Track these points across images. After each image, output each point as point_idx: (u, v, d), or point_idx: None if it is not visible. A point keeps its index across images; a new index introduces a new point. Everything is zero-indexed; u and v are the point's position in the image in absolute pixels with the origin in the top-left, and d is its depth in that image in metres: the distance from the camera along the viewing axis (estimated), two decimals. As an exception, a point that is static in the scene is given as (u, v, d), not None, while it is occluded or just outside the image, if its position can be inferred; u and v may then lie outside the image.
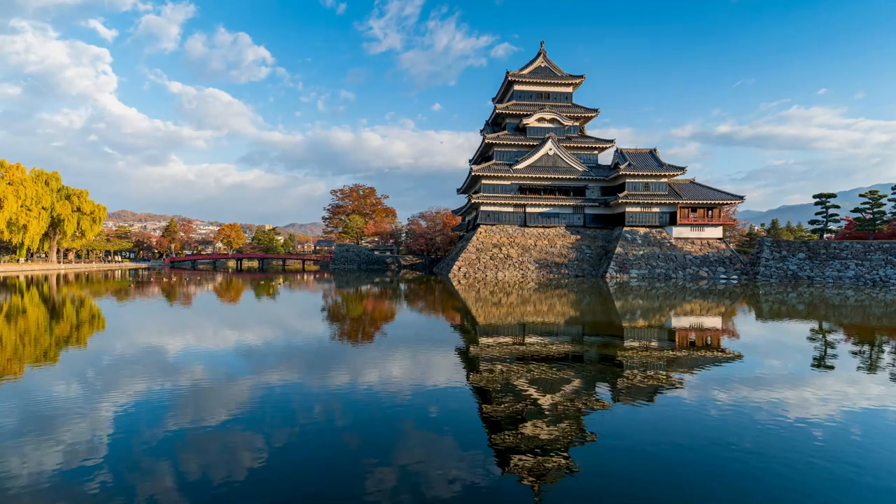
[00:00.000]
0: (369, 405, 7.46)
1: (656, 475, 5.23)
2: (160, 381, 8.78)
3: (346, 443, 5.98)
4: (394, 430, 6.42)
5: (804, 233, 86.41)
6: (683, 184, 58.70)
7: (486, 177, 59.85)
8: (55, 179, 71.85)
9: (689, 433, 6.45)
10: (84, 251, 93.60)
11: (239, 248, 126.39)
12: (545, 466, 5.37)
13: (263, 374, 9.34)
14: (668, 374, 9.74)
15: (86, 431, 6.24)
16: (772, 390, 8.55)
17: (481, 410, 7.34)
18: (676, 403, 7.74)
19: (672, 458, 5.65)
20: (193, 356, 11.13)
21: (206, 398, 7.80)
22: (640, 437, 6.27)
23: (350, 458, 5.54)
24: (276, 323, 17.87)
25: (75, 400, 7.61)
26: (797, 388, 8.75)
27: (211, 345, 12.76)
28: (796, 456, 5.75)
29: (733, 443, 6.08)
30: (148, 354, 11.23)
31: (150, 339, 13.45)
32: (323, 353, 11.97)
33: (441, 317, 21.16)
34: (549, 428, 6.54)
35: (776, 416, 7.10)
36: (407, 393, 8.19)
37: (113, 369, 9.70)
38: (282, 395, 8.00)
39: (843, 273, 50.36)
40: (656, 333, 15.81)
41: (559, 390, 8.41)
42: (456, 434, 6.33)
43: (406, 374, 9.58)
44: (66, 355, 11.39)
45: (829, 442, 6.21)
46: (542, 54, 65.60)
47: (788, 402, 7.87)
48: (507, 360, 11.03)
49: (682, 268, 54.05)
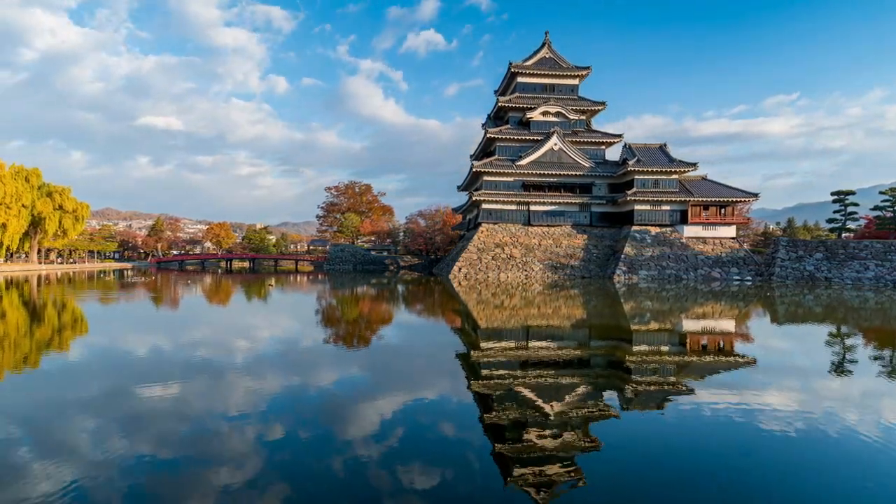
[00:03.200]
0: (367, 411, 7.46)
1: (666, 489, 5.23)
2: (136, 395, 8.77)
3: (344, 450, 5.98)
4: (392, 439, 6.41)
5: (822, 232, 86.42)
6: (695, 180, 58.68)
7: (488, 173, 59.83)
8: (35, 176, 71.85)
9: (700, 443, 6.45)
10: (66, 251, 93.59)
11: (229, 247, 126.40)
12: (550, 477, 5.37)
13: (253, 382, 9.33)
14: (678, 381, 9.74)
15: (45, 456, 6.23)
16: (787, 398, 8.55)
17: (483, 418, 7.34)
18: (687, 411, 7.74)
19: (683, 470, 5.65)
20: (173, 367, 11.10)
21: (187, 412, 7.79)
22: (650, 448, 6.27)
23: (347, 466, 5.54)
24: (268, 329, 17.86)
25: (40, 417, 7.60)
26: (814, 396, 8.75)
27: (195, 355, 12.73)
28: (813, 469, 5.75)
29: (748, 453, 6.08)
30: (126, 366, 11.21)
31: (130, 348, 13.44)
32: (317, 358, 11.96)
33: (441, 320, 21.16)
34: (554, 437, 6.54)
35: (792, 426, 7.09)
36: (406, 400, 8.19)
37: (81, 387, 9.68)
38: (272, 404, 7.99)
39: (862, 274, 50.36)
40: (666, 338, 15.81)
41: (564, 397, 8.41)
42: (457, 442, 6.34)
43: (405, 381, 9.58)
44: (41, 366, 11.37)
45: (849, 455, 6.20)
46: (546, 44, 65.57)
47: (805, 410, 7.87)
48: (511, 365, 11.03)
49: (693, 268, 54.06)
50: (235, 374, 9.94)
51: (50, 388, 8.67)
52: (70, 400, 7.99)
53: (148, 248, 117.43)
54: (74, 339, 14.54)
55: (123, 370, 10.24)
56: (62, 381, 9.25)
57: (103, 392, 8.56)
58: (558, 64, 65.32)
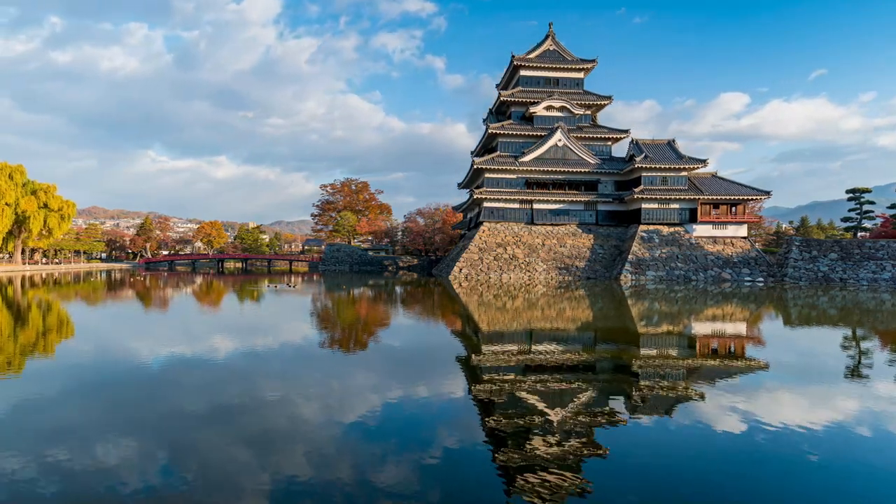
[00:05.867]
0: (364, 418, 7.46)
1: (676, 499, 5.22)
2: (121, 403, 8.76)
3: (340, 459, 5.98)
4: (391, 446, 6.41)
5: (836, 231, 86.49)
6: (704, 178, 58.69)
7: (490, 170, 59.82)
8: (20, 173, 71.85)
9: (711, 451, 6.45)
10: (52, 251, 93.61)
11: (220, 247, 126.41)
12: (555, 486, 5.37)
13: (244, 391, 9.33)
14: (687, 386, 9.74)
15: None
16: (802, 404, 8.55)
17: (485, 425, 7.34)
18: (697, 418, 7.74)
19: (693, 480, 5.65)
20: (160, 373, 11.11)
21: (178, 422, 7.78)
22: (658, 456, 6.27)
23: (344, 475, 5.53)
24: (261, 334, 17.86)
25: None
26: (831, 403, 8.74)
27: (184, 363, 12.73)
28: (831, 480, 5.74)
29: (761, 462, 6.08)
30: (111, 374, 11.21)
31: (115, 353, 13.44)
32: (312, 362, 11.98)
33: (441, 323, 21.16)
34: (559, 444, 6.54)
35: (807, 434, 7.09)
36: (405, 406, 8.19)
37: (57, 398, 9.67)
38: (267, 411, 7.99)
39: (878, 275, 50.37)
40: (675, 341, 15.81)
41: (569, 403, 8.41)
42: (459, 450, 6.33)
43: (404, 386, 9.58)
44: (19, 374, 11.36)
45: (866, 466, 6.20)
46: (550, 37, 65.58)
47: (821, 418, 7.86)
48: (514, 370, 11.03)
49: (703, 269, 54.08)
50: (221, 382, 9.94)
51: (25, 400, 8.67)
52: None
53: (136, 248, 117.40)
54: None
55: (117, 378, 10.24)
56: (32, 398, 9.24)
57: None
58: (563, 57, 65.33)
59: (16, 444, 6.35)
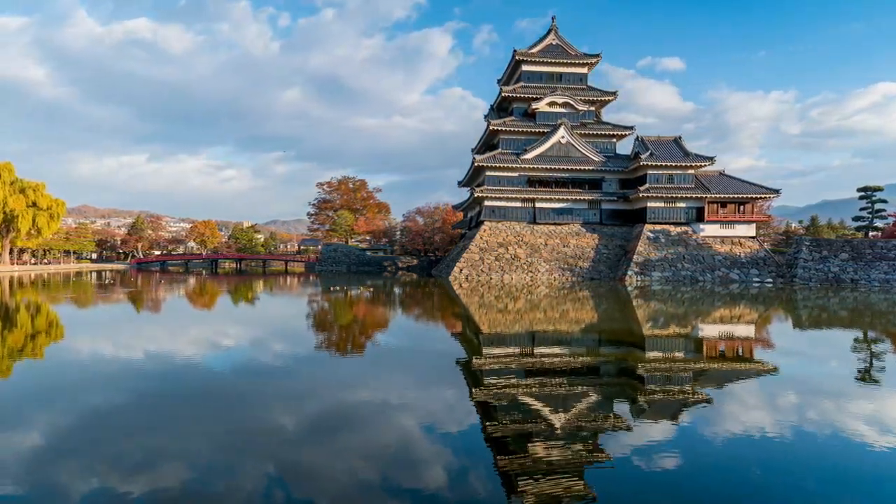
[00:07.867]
0: (363, 423, 7.45)
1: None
2: (109, 412, 8.75)
3: (338, 464, 5.97)
4: (390, 451, 6.40)
5: (847, 231, 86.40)
6: (712, 176, 58.62)
7: (491, 168, 59.79)
8: (7, 171, 71.82)
9: (719, 458, 6.43)
10: (41, 251, 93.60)
11: (214, 247, 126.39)
12: (557, 494, 5.35)
13: (238, 397, 9.33)
14: (694, 390, 9.73)
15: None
16: (813, 410, 8.53)
17: (486, 430, 7.33)
18: (704, 423, 7.72)
19: (700, 488, 5.63)
20: (151, 378, 11.11)
21: (174, 429, 7.78)
22: (664, 462, 6.25)
23: (342, 481, 5.52)
24: (255, 335, 17.87)
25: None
26: (842, 409, 8.72)
27: (177, 367, 12.73)
28: (842, 488, 5.73)
29: (770, 469, 6.06)
30: (103, 377, 11.20)
31: (104, 354, 13.44)
32: (307, 366, 11.97)
33: (441, 325, 21.16)
34: (561, 450, 6.52)
35: (818, 441, 7.08)
36: (404, 410, 8.18)
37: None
38: (262, 416, 7.98)
39: (890, 276, 50.35)
40: (681, 344, 15.80)
41: (572, 408, 8.40)
42: (459, 455, 6.32)
43: (403, 389, 9.57)
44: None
45: (882, 475, 6.18)
46: (553, 30, 65.52)
47: (831, 424, 7.85)
48: (516, 373, 11.02)
49: (710, 270, 54.06)
50: (216, 388, 9.93)
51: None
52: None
53: (128, 248, 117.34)
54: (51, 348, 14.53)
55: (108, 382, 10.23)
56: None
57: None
58: (566, 51, 65.26)
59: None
